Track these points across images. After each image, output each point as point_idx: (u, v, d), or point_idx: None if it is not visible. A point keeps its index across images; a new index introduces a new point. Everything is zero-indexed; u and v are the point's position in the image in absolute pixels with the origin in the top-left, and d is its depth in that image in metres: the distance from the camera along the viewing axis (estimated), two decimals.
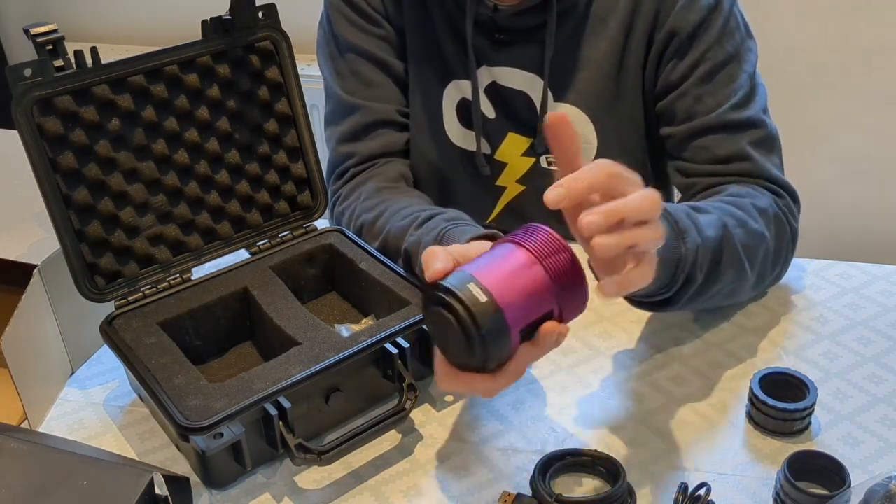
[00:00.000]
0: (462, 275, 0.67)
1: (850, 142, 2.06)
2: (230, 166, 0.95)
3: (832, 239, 2.14)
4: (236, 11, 0.91)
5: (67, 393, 0.91)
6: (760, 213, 0.92)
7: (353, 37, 1.10)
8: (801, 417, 0.81)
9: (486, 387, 0.68)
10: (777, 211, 0.95)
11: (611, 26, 1.03)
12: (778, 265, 0.96)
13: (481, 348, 0.65)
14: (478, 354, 0.66)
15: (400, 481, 0.79)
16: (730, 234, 0.86)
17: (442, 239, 0.89)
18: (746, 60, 1.01)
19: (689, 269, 0.81)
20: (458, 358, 0.68)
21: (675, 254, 0.79)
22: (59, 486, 0.67)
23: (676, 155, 1.04)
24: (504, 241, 0.70)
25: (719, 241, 0.85)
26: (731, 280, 0.88)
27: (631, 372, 0.90)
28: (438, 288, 0.66)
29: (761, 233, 0.91)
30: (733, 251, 0.86)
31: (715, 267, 0.85)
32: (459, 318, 0.65)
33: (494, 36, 1.06)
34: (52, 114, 0.83)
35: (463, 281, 0.66)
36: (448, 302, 0.65)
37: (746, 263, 0.89)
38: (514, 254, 0.68)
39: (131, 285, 0.90)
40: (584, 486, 0.77)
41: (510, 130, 1.11)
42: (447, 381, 0.70)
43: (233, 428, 0.76)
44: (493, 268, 0.67)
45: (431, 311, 0.68)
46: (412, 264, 0.93)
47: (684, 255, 0.80)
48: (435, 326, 0.69)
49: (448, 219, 0.93)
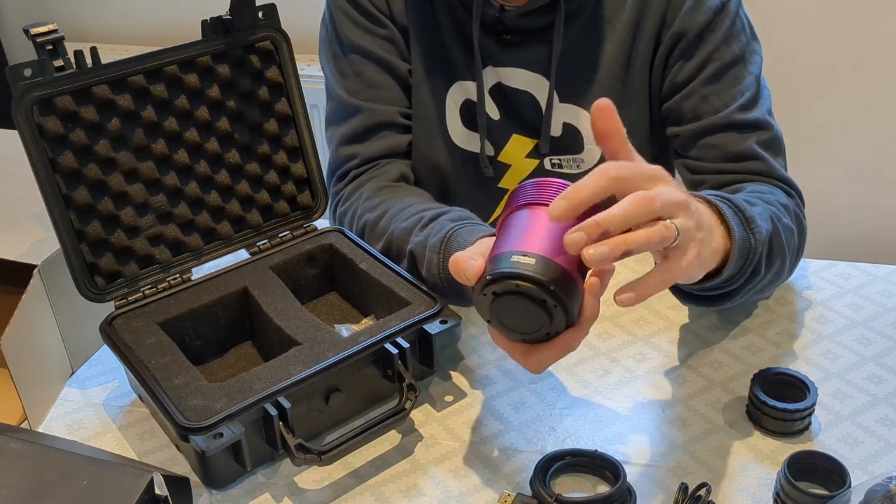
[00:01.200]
0: (498, 257, 0.66)
1: (851, 142, 2.06)
2: (230, 166, 0.95)
3: (832, 239, 2.14)
4: (236, 11, 0.91)
5: (67, 393, 0.91)
6: (785, 209, 0.93)
7: (356, 37, 1.10)
8: (801, 417, 0.81)
9: (577, 338, 0.69)
10: (794, 209, 0.97)
11: (618, 28, 1.03)
12: (797, 261, 0.98)
13: (559, 302, 0.64)
14: (560, 311, 0.65)
15: (400, 481, 0.79)
16: (777, 227, 0.88)
17: (449, 240, 0.89)
18: (752, 62, 1.01)
19: (756, 260, 0.82)
20: (543, 329, 0.67)
21: (746, 245, 0.80)
22: (59, 486, 0.67)
23: (684, 153, 1.04)
24: (506, 213, 0.70)
25: (770, 233, 0.86)
26: (775, 272, 0.90)
27: (631, 372, 0.90)
28: (488, 283, 0.66)
29: (791, 228, 0.92)
30: (780, 243, 0.88)
31: (769, 258, 0.86)
32: (527, 290, 0.64)
33: (501, 36, 1.06)
34: (52, 114, 0.83)
35: (503, 260, 0.65)
36: (508, 286, 0.65)
37: (787, 255, 0.90)
38: (526, 214, 0.68)
39: (131, 285, 0.90)
40: (584, 486, 0.77)
41: (515, 132, 1.11)
42: (539, 362, 0.70)
43: (233, 428, 0.76)
44: (518, 234, 0.67)
45: (497, 307, 0.67)
46: (418, 265, 0.93)
47: (754, 246, 0.81)
48: (506, 321, 0.68)
49: (453, 219, 0.93)
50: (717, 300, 0.87)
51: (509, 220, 0.69)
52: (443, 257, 0.88)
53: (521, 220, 0.68)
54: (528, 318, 0.67)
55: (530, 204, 0.68)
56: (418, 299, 0.87)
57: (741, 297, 0.88)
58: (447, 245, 0.88)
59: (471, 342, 0.95)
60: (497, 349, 0.93)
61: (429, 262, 0.90)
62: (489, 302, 0.68)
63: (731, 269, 0.79)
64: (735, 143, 1.00)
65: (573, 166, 1.10)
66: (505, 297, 0.66)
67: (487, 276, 0.66)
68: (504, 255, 0.66)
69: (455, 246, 0.87)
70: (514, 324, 0.69)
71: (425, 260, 0.91)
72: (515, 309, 0.66)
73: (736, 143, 1.00)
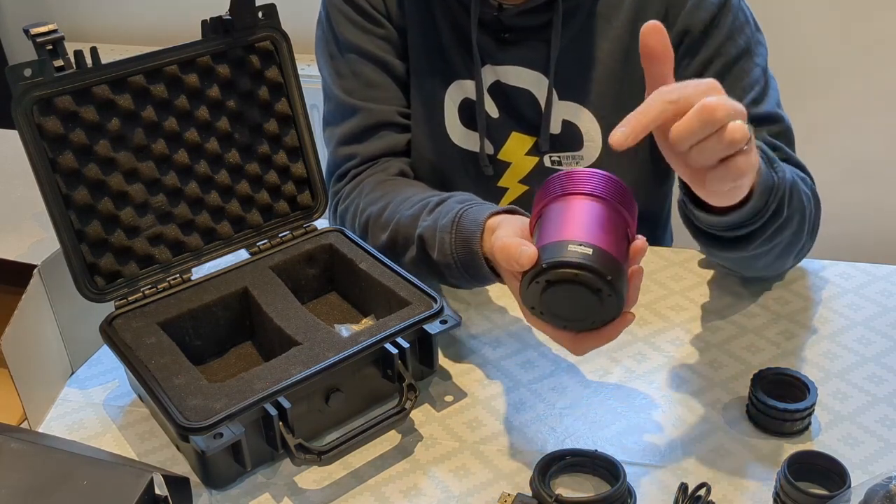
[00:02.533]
0: (552, 245, 0.66)
1: (851, 142, 2.06)
2: (230, 166, 0.95)
3: (832, 239, 2.14)
4: (236, 11, 0.91)
5: (67, 393, 0.91)
6: (802, 180, 0.94)
7: (353, 37, 1.10)
8: (801, 417, 0.81)
9: (624, 326, 0.70)
10: (811, 185, 0.98)
11: (616, 25, 1.03)
12: (814, 233, 0.98)
13: (613, 291, 0.65)
14: (614, 301, 0.66)
15: (400, 481, 0.79)
16: (796, 182, 0.88)
17: (460, 220, 0.89)
18: (758, 54, 1.02)
19: (779, 199, 0.82)
20: (590, 318, 0.68)
21: (770, 181, 0.81)
22: (59, 486, 0.67)
23: None
24: (543, 204, 0.71)
25: (791, 182, 0.86)
26: (794, 231, 0.90)
27: (631, 372, 0.90)
28: (543, 270, 0.66)
29: (808, 194, 0.93)
30: (799, 197, 0.88)
31: (790, 204, 0.86)
32: (585, 280, 0.64)
33: (499, 35, 1.06)
34: (52, 114, 0.83)
35: (559, 248, 0.65)
36: (565, 275, 0.65)
37: (805, 217, 0.91)
38: (566, 204, 0.68)
39: (131, 285, 0.90)
40: (584, 486, 0.77)
41: (514, 130, 1.11)
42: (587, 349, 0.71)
43: (233, 428, 0.76)
44: (565, 223, 0.67)
45: (548, 296, 0.67)
46: (428, 249, 0.92)
47: (777, 183, 0.82)
48: (555, 309, 0.68)
49: (460, 201, 0.93)
50: (735, 243, 0.87)
51: (549, 211, 0.70)
52: (454, 236, 0.88)
53: (564, 210, 0.68)
54: (578, 306, 0.67)
55: (568, 194, 0.69)
56: (418, 299, 0.87)
57: (762, 246, 0.88)
58: (459, 223, 0.88)
59: (471, 342, 0.95)
60: (497, 349, 0.93)
61: (440, 241, 0.90)
62: (540, 290, 0.67)
63: (757, 201, 0.80)
64: None
65: (573, 163, 1.10)
66: (558, 285, 0.66)
67: (544, 263, 0.65)
68: (559, 243, 0.66)
69: (467, 223, 0.88)
70: (563, 312, 0.69)
71: (436, 241, 0.90)
72: (567, 297, 0.66)
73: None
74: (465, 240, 0.87)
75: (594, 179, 0.70)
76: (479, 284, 0.94)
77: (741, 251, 0.88)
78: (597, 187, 0.69)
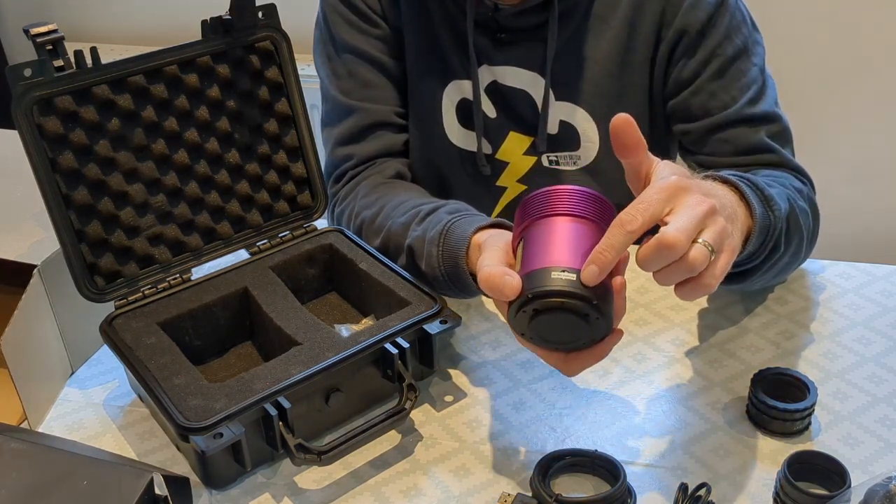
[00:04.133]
0: (536, 273, 0.66)
1: (850, 142, 2.06)
2: (230, 166, 0.95)
3: (832, 239, 2.14)
4: (236, 11, 0.91)
5: (67, 393, 0.91)
6: (799, 193, 0.94)
7: (350, 37, 1.10)
8: (801, 417, 0.81)
9: (614, 343, 0.70)
10: (808, 193, 0.98)
11: (612, 25, 1.03)
12: (812, 244, 0.98)
13: (601, 315, 0.65)
14: (603, 322, 0.66)
15: (400, 481, 0.79)
16: (793, 207, 0.88)
17: (447, 232, 0.89)
18: (755, 53, 1.03)
19: (776, 237, 0.83)
20: (580, 339, 0.68)
21: (766, 221, 0.81)
22: (59, 486, 0.67)
23: (696, 150, 1.05)
24: (524, 226, 0.70)
25: (788, 212, 0.86)
26: (793, 252, 0.90)
27: (631, 372, 0.90)
28: (529, 300, 0.66)
29: (805, 210, 0.93)
30: (796, 222, 0.89)
31: (787, 236, 0.86)
32: (572, 307, 0.64)
33: (496, 35, 1.06)
34: (52, 114, 0.83)
35: (542, 276, 0.65)
36: (551, 303, 0.65)
37: (804, 235, 0.91)
38: (548, 225, 0.68)
39: (131, 285, 0.90)
40: (584, 486, 0.77)
41: (511, 129, 1.11)
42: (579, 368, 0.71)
43: (233, 428, 0.76)
44: (547, 247, 0.67)
45: (537, 323, 0.67)
46: (416, 260, 0.93)
47: (774, 222, 0.82)
48: (544, 334, 0.68)
49: (450, 211, 0.93)
50: (735, 279, 0.87)
51: (531, 233, 0.69)
52: (441, 249, 0.89)
53: (546, 233, 0.68)
54: (567, 330, 0.67)
55: (548, 215, 0.68)
56: (418, 299, 0.87)
57: (759, 277, 0.88)
58: (446, 237, 0.89)
59: (471, 342, 0.95)
60: (497, 349, 0.93)
61: (428, 254, 0.90)
62: (528, 318, 0.67)
63: (753, 245, 0.80)
64: (746, 136, 1.01)
65: (570, 163, 1.10)
66: (546, 313, 0.66)
67: (528, 293, 0.65)
68: (542, 271, 0.65)
69: (454, 237, 0.88)
70: (553, 336, 0.69)
71: (424, 253, 0.91)
72: (556, 323, 0.66)
73: (747, 136, 1.01)
74: (451, 255, 0.88)
75: (574, 198, 0.69)
76: (468, 296, 0.94)
77: (738, 284, 0.89)
78: (576, 206, 0.69)
